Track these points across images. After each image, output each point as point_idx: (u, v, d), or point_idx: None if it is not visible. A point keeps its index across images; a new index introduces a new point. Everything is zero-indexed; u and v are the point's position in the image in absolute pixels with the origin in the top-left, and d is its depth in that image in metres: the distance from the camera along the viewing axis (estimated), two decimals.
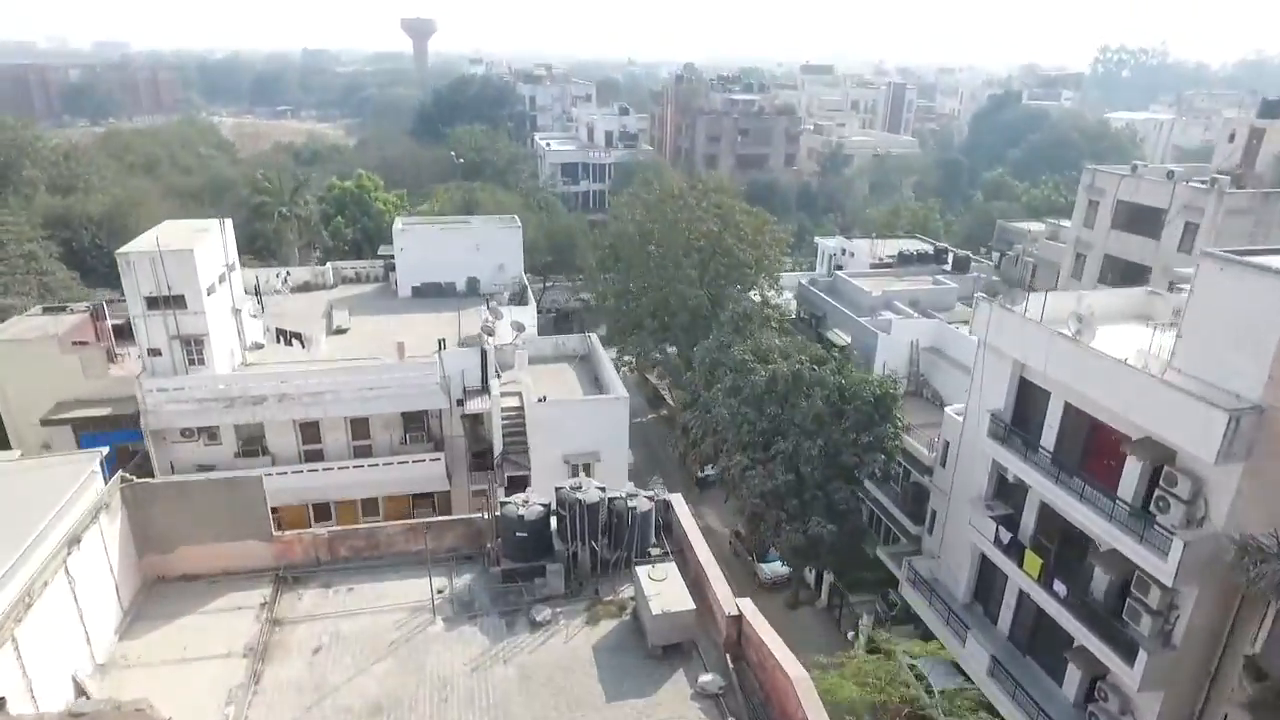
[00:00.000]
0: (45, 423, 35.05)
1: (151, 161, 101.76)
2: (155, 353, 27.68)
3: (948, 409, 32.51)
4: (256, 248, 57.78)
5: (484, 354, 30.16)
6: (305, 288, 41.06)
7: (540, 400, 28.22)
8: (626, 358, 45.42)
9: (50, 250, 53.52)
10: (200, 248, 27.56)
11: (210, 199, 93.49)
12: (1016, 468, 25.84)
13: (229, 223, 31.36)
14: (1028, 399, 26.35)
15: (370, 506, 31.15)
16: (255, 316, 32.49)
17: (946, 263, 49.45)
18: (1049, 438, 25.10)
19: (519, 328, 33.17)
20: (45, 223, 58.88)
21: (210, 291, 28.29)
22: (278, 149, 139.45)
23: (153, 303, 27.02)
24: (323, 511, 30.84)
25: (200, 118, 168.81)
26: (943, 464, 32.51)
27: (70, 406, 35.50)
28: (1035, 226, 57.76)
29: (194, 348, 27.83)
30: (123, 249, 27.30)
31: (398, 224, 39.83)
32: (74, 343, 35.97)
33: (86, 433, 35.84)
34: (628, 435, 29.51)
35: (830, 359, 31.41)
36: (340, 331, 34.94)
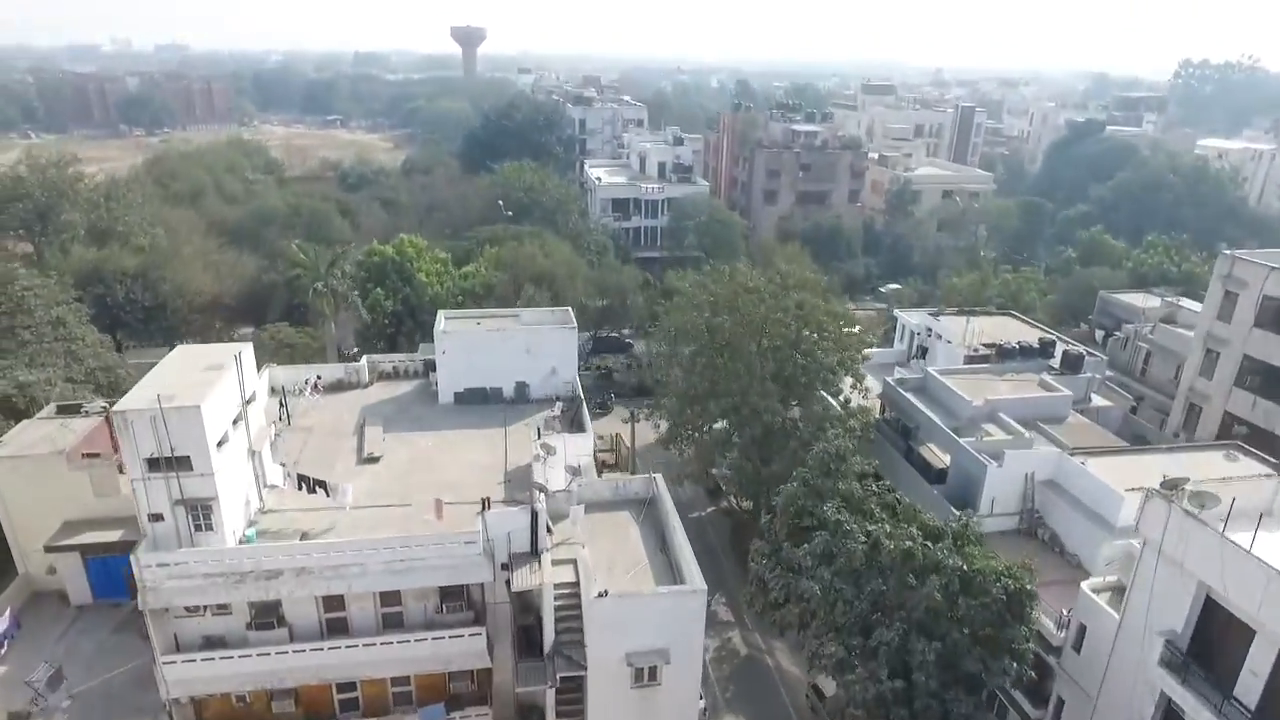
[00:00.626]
0: (50, 549, 31.79)
1: (197, 190, 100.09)
2: (156, 518, 23.81)
3: (1085, 586, 27.12)
4: (293, 319, 54.77)
5: (534, 515, 25.68)
6: (338, 387, 37.15)
7: (600, 595, 23.59)
8: (685, 449, 40.79)
9: (81, 313, 50.87)
10: (210, 400, 23.57)
11: (251, 234, 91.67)
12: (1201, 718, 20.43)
13: (248, 350, 27.41)
14: (1216, 627, 20.92)
15: (401, 683, 26.95)
16: (281, 464, 28.47)
17: (1053, 355, 43.61)
18: (1250, 689, 19.65)
19: (574, 472, 28.65)
20: (78, 279, 56.49)
21: (222, 443, 24.33)
22: (325, 166, 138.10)
23: (154, 464, 23.14)
24: (347, 690, 26.73)
25: (249, 138, 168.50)
26: (1076, 649, 27.12)
27: (79, 528, 32.13)
28: (1149, 304, 51.45)
29: (201, 513, 23.89)
30: (120, 405, 23.44)
31: (440, 323, 35.64)
32: (84, 455, 32.59)
33: (95, 557, 32.60)
34: (704, 630, 24.75)
35: (946, 532, 26.19)
36: (371, 460, 30.81)
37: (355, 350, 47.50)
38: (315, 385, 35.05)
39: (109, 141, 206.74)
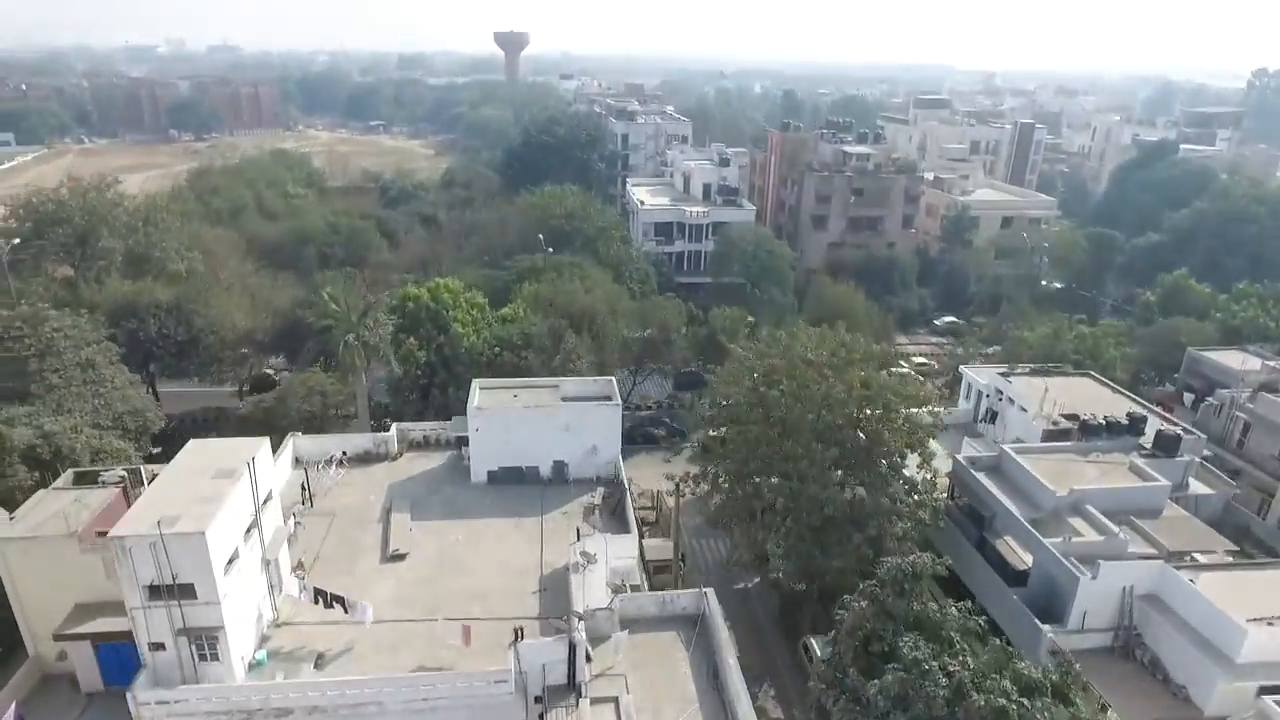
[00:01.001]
0: (59, 638, 29.97)
1: (237, 207, 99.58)
2: (158, 647, 21.55)
3: None
4: (326, 358, 53.22)
5: (572, 648, 22.88)
6: (365, 459, 34.83)
7: None
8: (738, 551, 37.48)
9: (111, 353, 49.53)
10: (218, 520, 21.20)
11: (290, 253, 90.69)
12: None
13: (265, 447, 25.06)
14: None
15: None
16: (297, 573, 26.07)
17: (1143, 432, 39.48)
18: None
19: (616, 588, 25.78)
20: (111, 313, 55.37)
21: (232, 560, 21.99)
22: (366, 177, 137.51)
23: (155, 591, 20.87)
24: None
25: (292, 146, 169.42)
26: None
27: (91, 612, 30.16)
28: (1246, 365, 46.86)
29: (206, 642, 21.58)
30: (118, 529, 21.19)
31: (473, 397, 33.08)
32: (97, 533, 30.72)
33: (106, 644, 30.75)
34: None
35: (1045, 685, 22.73)
36: (397, 557, 28.30)
37: (387, 405, 45.26)
38: (340, 461, 32.73)
39: (158, 147, 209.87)
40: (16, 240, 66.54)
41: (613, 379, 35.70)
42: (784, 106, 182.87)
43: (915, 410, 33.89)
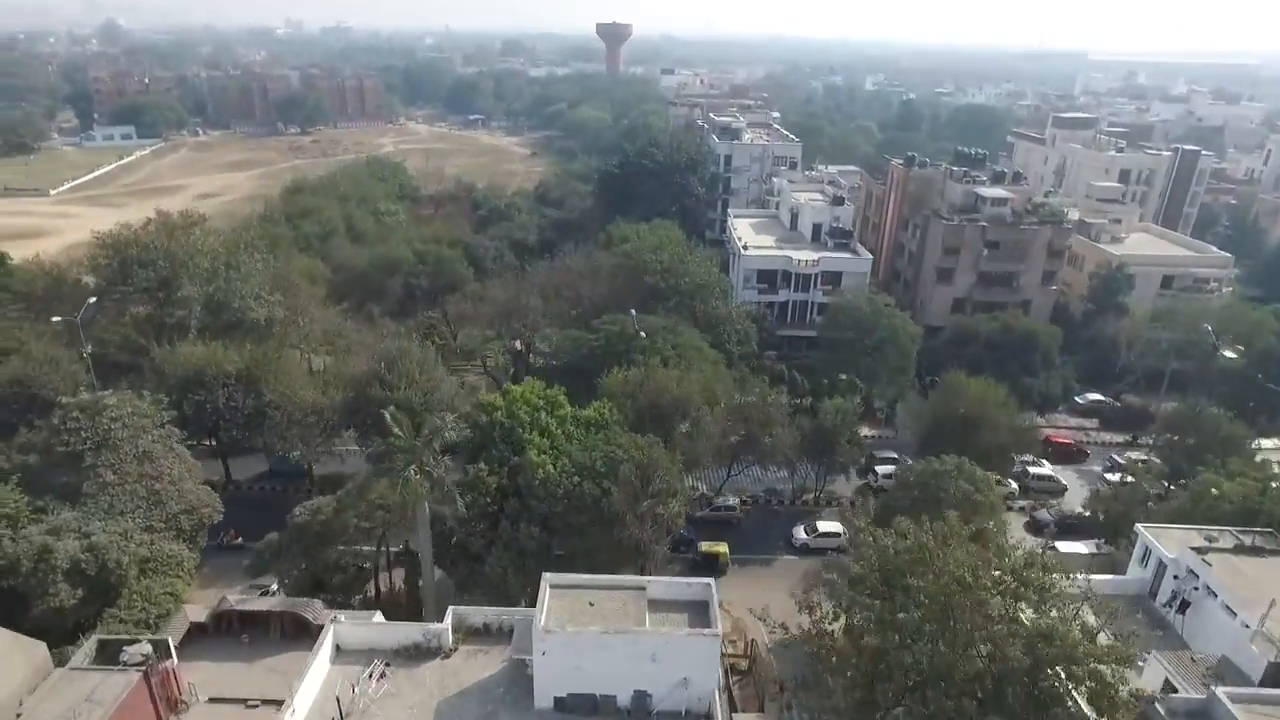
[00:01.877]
0: None
1: (326, 231, 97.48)
2: None
3: None
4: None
5: None
6: (414, 654, 29.44)
7: None
8: None
9: (170, 439, 46.32)
10: None
11: (377, 283, 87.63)
12: None
13: None
14: None
15: None
16: None
17: None
18: None
19: None
20: (179, 384, 52.52)
21: None
22: (460, 187, 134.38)
23: None
24: None
25: (389, 149, 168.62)
26: None
27: None
28: None
29: None
30: None
31: (541, 609, 27.03)
32: None
33: None
34: None
35: None
36: None
37: (451, 531, 39.96)
38: (382, 674, 27.36)
39: (265, 141, 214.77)
40: (103, 283, 65.47)
41: (710, 583, 29.08)
42: (900, 116, 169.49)
43: (1107, 668, 25.69)
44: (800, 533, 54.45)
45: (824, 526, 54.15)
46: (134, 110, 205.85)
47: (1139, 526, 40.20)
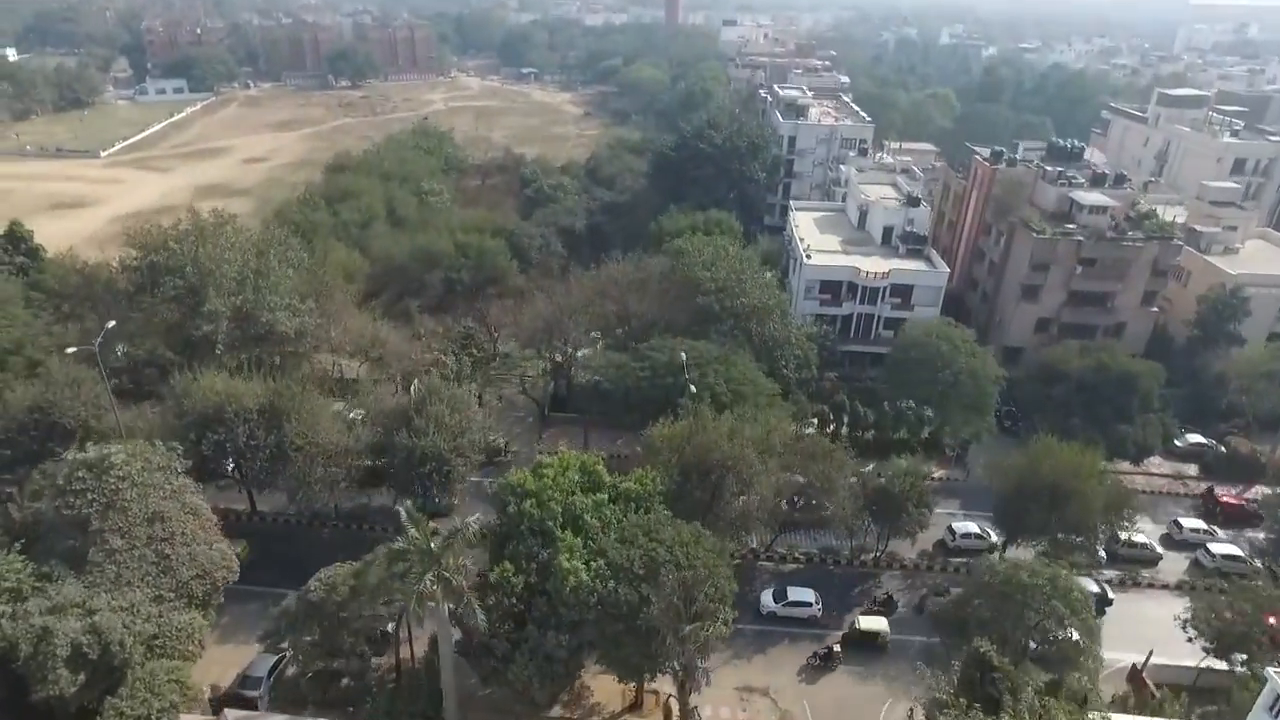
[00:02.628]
0: None
1: (366, 217, 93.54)
2: None
3: None
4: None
5: None
6: None
7: None
8: None
9: (185, 493, 43.33)
10: None
11: (417, 277, 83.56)
12: None
13: None
14: None
15: None
16: None
17: None
18: None
19: None
20: (198, 421, 49.46)
21: None
22: (508, 157, 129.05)
23: None
24: None
25: (439, 105, 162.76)
26: None
27: None
28: None
29: None
30: None
31: None
32: None
33: None
34: None
35: None
36: None
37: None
38: None
39: (314, 95, 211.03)
40: (131, 288, 62.89)
41: None
42: (981, 84, 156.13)
43: None
44: (768, 598, 49.09)
45: (794, 595, 48.68)
46: (186, 63, 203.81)
47: (1271, 673, 34.14)
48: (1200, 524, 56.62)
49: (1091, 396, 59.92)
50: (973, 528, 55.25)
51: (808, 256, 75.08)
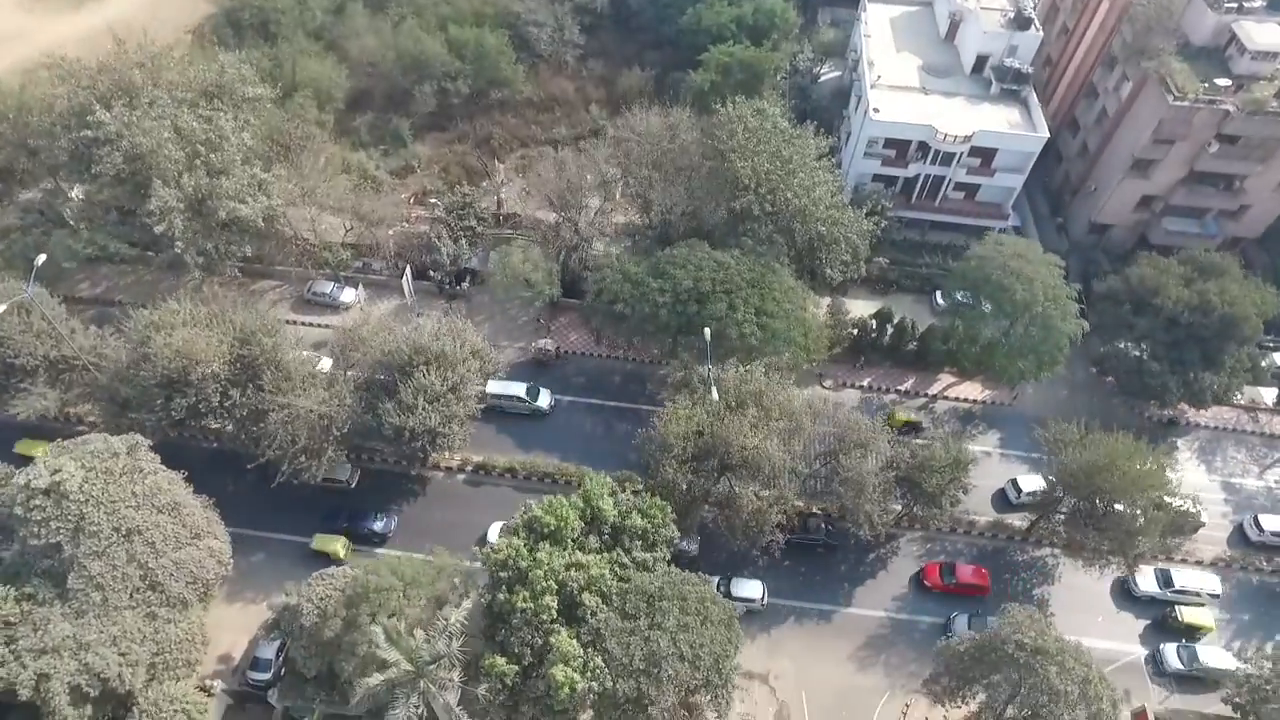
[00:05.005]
0: None
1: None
2: None
3: None
4: None
5: None
6: None
7: None
8: None
9: (161, 497, 39.95)
10: None
11: (403, 92, 70.10)
12: None
13: None
14: None
15: None
16: None
17: None
18: None
19: None
20: (162, 385, 44.09)
21: None
22: None
23: None
24: None
25: None
26: None
27: None
28: None
29: None
30: None
31: None
32: None
33: None
34: None
35: None
36: None
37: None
38: None
39: None
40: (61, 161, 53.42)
41: None
42: None
43: None
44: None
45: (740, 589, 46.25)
46: None
47: None
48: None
49: (1183, 335, 51.49)
50: (1039, 483, 50.59)
51: (875, 111, 60.84)
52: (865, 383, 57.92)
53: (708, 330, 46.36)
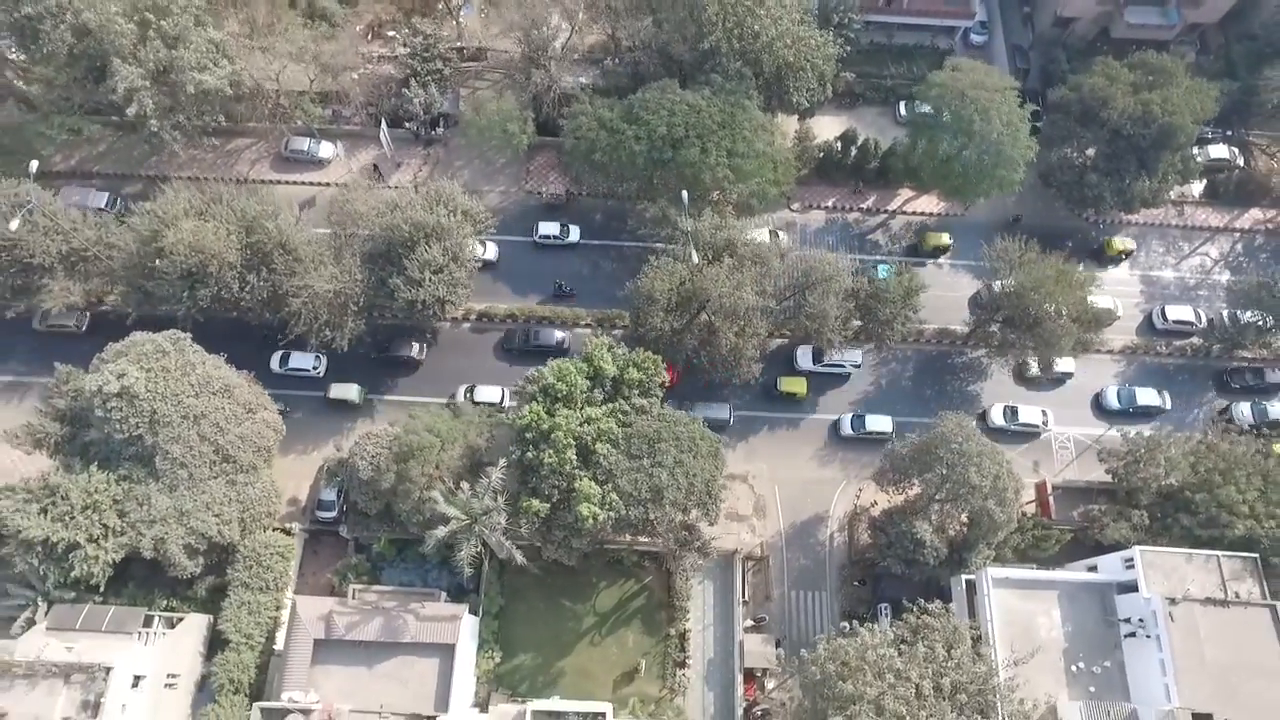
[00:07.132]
0: None
1: None
2: None
3: None
4: None
5: None
6: None
7: None
8: None
9: (214, 383, 45.29)
10: None
11: None
12: None
13: None
14: None
15: None
16: None
17: None
18: None
19: None
20: (182, 278, 47.51)
21: None
22: None
23: None
24: None
25: None
26: None
27: None
28: None
29: None
30: None
31: None
32: None
33: None
34: None
35: None
36: None
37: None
38: None
39: None
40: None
41: None
42: None
43: None
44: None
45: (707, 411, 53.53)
46: None
47: (1136, 552, 43.60)
48: None
49: (1124, 147, 55.25)
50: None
51: None
52: (830, 203, 61.94)
53: (685, 193, 49.40)
